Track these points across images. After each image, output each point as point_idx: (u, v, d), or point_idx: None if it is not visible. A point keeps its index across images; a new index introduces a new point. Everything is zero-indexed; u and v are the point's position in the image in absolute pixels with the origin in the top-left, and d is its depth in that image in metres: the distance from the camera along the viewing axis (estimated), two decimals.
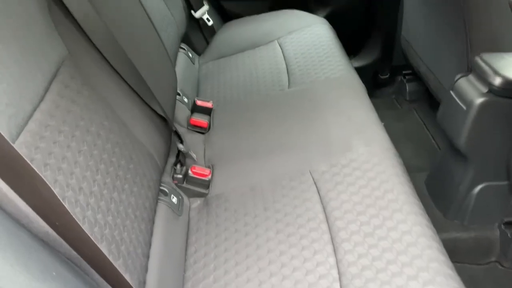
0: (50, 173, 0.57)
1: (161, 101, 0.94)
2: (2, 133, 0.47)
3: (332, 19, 1.62)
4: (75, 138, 0.65)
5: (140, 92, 0.90)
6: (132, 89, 0.89)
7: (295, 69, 1.33)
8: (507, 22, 1.08)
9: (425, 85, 1.51)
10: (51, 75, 0.66)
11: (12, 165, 0.48)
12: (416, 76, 1.62)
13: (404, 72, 1.79)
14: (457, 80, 1.12)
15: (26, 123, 0.57)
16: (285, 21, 1.58)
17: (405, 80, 1.78)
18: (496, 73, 1.01)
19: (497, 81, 1.00)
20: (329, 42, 1.41)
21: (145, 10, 1.05)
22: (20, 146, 0.54)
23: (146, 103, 0.91)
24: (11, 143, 0.48)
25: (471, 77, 1.09)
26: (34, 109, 0.60)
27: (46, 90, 0.64)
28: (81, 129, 0.68)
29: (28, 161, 0.48)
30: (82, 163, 0.64)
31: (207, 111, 1.20)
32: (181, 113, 1.18)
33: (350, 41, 1.76)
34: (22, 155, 0.48)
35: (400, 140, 1.61)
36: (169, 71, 1.09)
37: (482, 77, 1.05)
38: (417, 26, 1.44)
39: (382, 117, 1.30)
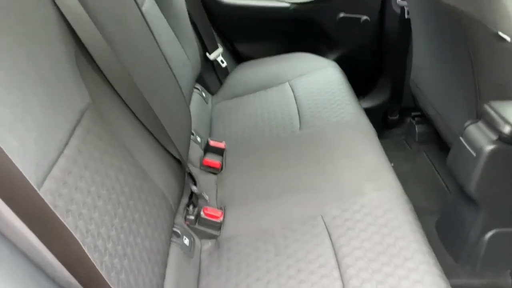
0: (72, 219, 0.59)
1: (176, 142, 0.96)
2: (30, 182, 0.50)
3: (342, 62, 1.66)
4: (95, 183, 0.68)
5: (156, 135, 0.93)
6: (149, 131, 0.92)
7: (306, 111, 1.36)
8: None
9: (434, 127, 1.53)
10: (75, 121, 0.69)
11: (38, 213, 0.50)
12: (425, 118, 1.64)
13: (413, 113, 1.81)
14: (466, 127, 1.14)
15: (50, 169, 0.60)
16: (296, 63, 1.62)
17: (414, 122, 1.80)
18: (506, 121, 1.02)
19: (507, 129, 1.02)
20: (339, 85, 1.45)
21: (163, 54, 1.10)
22: (45, 193, 0.56)
23: (162, 145, 0.94)
24: (37, 190, 0.50)
25: (480, 124, 1.11)
26: (59, 155, 0.62)
27: (70, 135, 0.67)
28: (101, 174, 0.70)
29: (53, 209, 0.50)
30: (101, 208, 0.66)
31: (219, 152, 1.22)
32: (195, 152, 1.20)
33: (360, 83, 1.80)
34: (47, 202, 0.50)
35: (409, 181, 1.61)
36: (184, 113, 1.13)
37: (492, 125, 1.06)
38: (426, 71, 1.47)
39: (391, 157, 1.31)
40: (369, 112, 1.69)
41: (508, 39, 1.04)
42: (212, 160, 1.17)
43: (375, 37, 1.75)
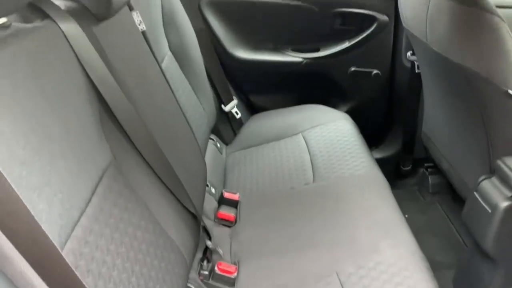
0: (92, 279, 0.60)
1: (192, 196, 0.98)
2: (55, 245, 0.51)
3: (354, 113, 1.70)
4: (114, 241, 0.69)
5: (173, 189, 0.95)
6: (166, 186, 0.94)
7: (319, 163, 1.38)
8: None
9: (447, 178, 1.53)
10: (98, 178, 0.72)
11: (60, 274, 0.51)
12: (438, 169, 1.65)
13: (426, 164, 1.82)
14: (480, 182, 1.14)
15: (73, 229, 0.61)
16: (309, 115, 1.66)
17: (427, 173, 1.80)
18: None
19: None
20: (352, 137, 1.47)
21: (180, 108, 1.14)
22: (68, 254, 0.58)
23: (178, 200, 0.96)
24: (60, 251, 0.52)
25: (494, 180, 1.11)
26: (81, 215, 0.64)
27: (93, 193, 0.69)
28: (120, 231, 0.71)
29: (74, 270, 0.51)
30: (120, 266, 0.67)
31: (234, 204, 1.24)
32: (209, 204, 1.21)
33: (372, 134, 1.83)
34: (69, 263, 0.52)
35: (424, 234, 1.60)
36: (200, 166, 1.15)
37: (506, 181, 1.07)
38: (437, 124, 1.49)
39: (405, 209, 1.30)
40: (381, 162, 1.70)
41: None
42: (227, 212, 1.18)
43: (387, 90, 1.79)
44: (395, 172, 1.90)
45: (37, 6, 0.72)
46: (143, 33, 1.04)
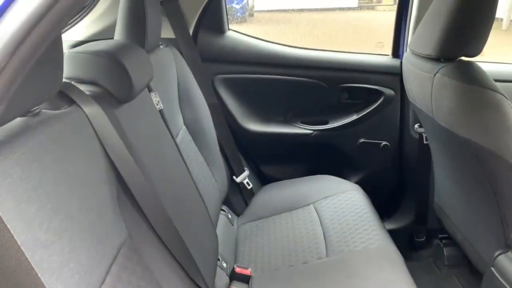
0: None
1: (204, 272, 0.98)
2: None
3: (365, 184, 1.70)
4: None
5: (185, 266, 0.94)
6: (178, 262, 0.94)
7: (332, 236, 1.37)
8: None
9: (463, 251, 1.50)
10: (113, 257, 0.73)
11: None
12: (454, 241, 1.62)
13: (440, 236, 1.79)
14: (497, 257, 1.12)
15: None
16: (320, 186, 1.67)
17: (442, 244, 1.77)
18: None
19: None
20: (364, 209, 1.47)
21: (193, 181, 1.16)
22: None
23: (190, 277, 0.95)
24: None
25: (510, 254, 1.09)
26: None
27: (107, 273, 0.70)
28: None
29: None
30: None
31: (245, 279, 1.22)
32: (220, 280, 1.20)
33: (384, 204, 1.82)
34: None
35: None
36: (212, 240, 1.15)
37: None
38: (449, 196, 1.49)
39: (420, 283, 1.26)
40: (394, 233, 1.67)
41: None
42: None
43: (396, 160, 1.81)
44: (408, 243, 1.86)
45: (64, 92, 0.77)
46: (161, 112, 1.09)
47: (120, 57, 0.85)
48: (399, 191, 1.86)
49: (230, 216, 1.59)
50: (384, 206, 1.84)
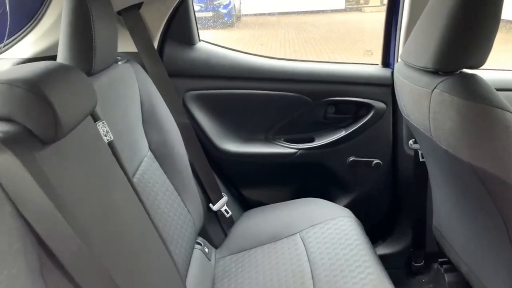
0: None
1: None
2: None
3: (356, 206, 1.56)
4: None
5: None
6: None
7: (320, 273, 1.20)
8: None
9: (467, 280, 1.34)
10: None
11: None
12: (454, 265, 1.46)
13: (440, 260, 1.63)
14: None
15: None
16: (307, 211, 1.50)
17: (442, 270, 1.61)
18: None
19: None
20: (356, 240, 1.31)
21: (154, 225, 0.98)
22: None
23: None
24: None
25: None
26: None
27: None
28: None
29: None
30: None
31: None
32: None
33: (378, 227, 1.67)
34: None
35: None
36: None
37: None
38: (450, 222, 1.33)
39: None
40: (390, 258, 1.52)
41: None
42: None
43: (390, 180, 1.65)
44: (406, 268, 1.71)
45: None
46: (110, 144, 0.92)
47: (43, 86, 0.67)
48: (394, 212, 1.70)
49: (206, 249, 1.41)
50: (378, 229, 1.68)
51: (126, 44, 1.34)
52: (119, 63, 1.22)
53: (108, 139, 0.91)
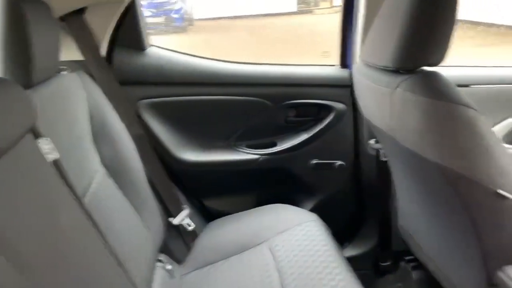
0: None
1: None
2: None
3: (322, 210, 1.53)
4: None
5: None
6: None
7: (290, 284, 1.15)
8: None
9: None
10: None
11: None
12: (421, 263, 1.47)
13: (407, 258, 1.63)
14: None
15: None
16: (273, 218, 1.46)
17: (409, 267, 1.61)
18: None
19: None
20: (324, 246, 1.27)
21: (109, 245, 0.90)
22: None
23: None
24: None
25: None
26: None
27: None
28: None
29: None
30: None
31: None
32: None
33: (344, 229, 1.65)
34: None
35: None
36: None
37: None
38: (416, 222, 1.33)
39: None
40: (359, 260, 1.50)
41: (509, 196, 0.92)
42: None
43: (353, 181, 1.64)
44: (374, 269, 1.70)
45: None
46: (55, 162, 0.83)
47: None
48: (359, 213, 1.69)
49: (169, 266, 1.33)
50: (344, 232, 1.67)
51: (70, 52, 1.25)
52: (63, 73, 1.13)
53: (52, 158, 0.82)
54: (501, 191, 0.92)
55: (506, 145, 1.55)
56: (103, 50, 1.35)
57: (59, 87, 1.05)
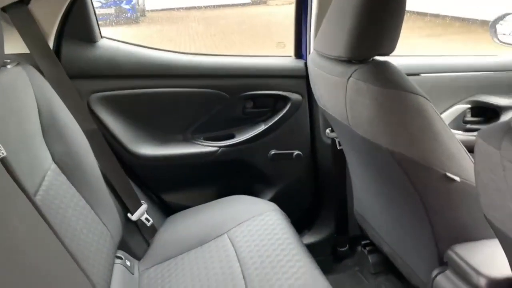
0: None
1: None
2: None
3: (281, 199, 1.55)
4: None
5: None
6: None
7: (251, 273, 1.16)
8: (469, 206, 1.02)
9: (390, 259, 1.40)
10: None
11: None
12: (377, 247, 1.52)
13: (363, 242, 1.69)
14: (435, 277, 1.01)
15: None
16: (233, 209, 1.46)
17: (365, 251, 1.67)
18: (479, 273, 0.91)
19: (482, 282, 0.90)
20: (284, 234, 1.29)
21: (65, 245, 0.87)
22: None
23: None
24: None
25: (449, 274, 0.99)
26: None
27: None
28: None
29: None
30: None
31: None
32: None
33: (303, 217, 1.68)
34: None
35: None
36: None
37: (462, 276, 0.94)
38: (371, 207, 1.38)
39: None
40: (317, 246, 1.54)
41: (457, 179, 0.97)
42: None
43: (311, 170, 1.67)
44: (332, 254, 1.75)
45: None
46: (3, 160, 0.79)
47: None
48: (317, 201, 1.73)
49: (128, 263, 1.31)
50: (303, 220, 1.70)
51: (15, 44, 1.18)
52: (8, 66, 1.07)
53: (0, 156, 0.78)
54: (449, 174, 0.97)
55: (454, 131, 1.64)
56: (51, 43, 1.29)
57: (4, 82, 0.99)
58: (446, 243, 1.02)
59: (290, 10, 1.60)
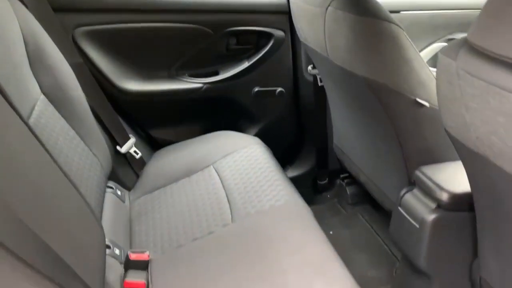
0: None
1: (86, 276, 0.78)
2: None
3: (264, 135, 1.61)
4: None
5: (56, 277, 0.74)
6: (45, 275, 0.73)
7: (236, 198, 1.24)
8: (436, 131, 1.09)
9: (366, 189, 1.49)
10: None
11: None
12: (355, 179, 1.62)
13: (342, 175, 1.79)
14: (403, 196, 1.10)
15: None
16: (218, 144, 1.52)
17: (344, 184, 1.77)
18: (442, 188, 0.99)
19: (444, 196, 0.99)
20: (266, 163, 1.36)
21: (59, 166, 0.93)
22: None
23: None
24: None
25: (416, 192, 1.08)
26: None
27: None
28: None
29: None
30: None
31: (143, 266, 1.05)
32: (113, 273, 1.01)
33: (285, 153, 1.75)
34: None
35: (351, 250, 1.54)
36: (94, 231, 0.95)
37: (428, 193, 1.03)
38: (348, 137, 1.45)
39: (328, 225, 1.20)
40: (298, 180, 1.62)
41: (426, 104, 1.04)
42: (135, 280, 0.99)
43: (293, 107, 1.73)
44: (312, 188, 1.84)
45: None
46: None
47: None
48: (299, 137, 1.80)
49: (119, 192, 1.38)
50: (285, 155, 1.77)
51: None
52: None
53: None
54: (419, 100, 1.03)
55: (432, 69, 1.69)
56: None
57: None
58: (414, 164, 1.10)
59: None
